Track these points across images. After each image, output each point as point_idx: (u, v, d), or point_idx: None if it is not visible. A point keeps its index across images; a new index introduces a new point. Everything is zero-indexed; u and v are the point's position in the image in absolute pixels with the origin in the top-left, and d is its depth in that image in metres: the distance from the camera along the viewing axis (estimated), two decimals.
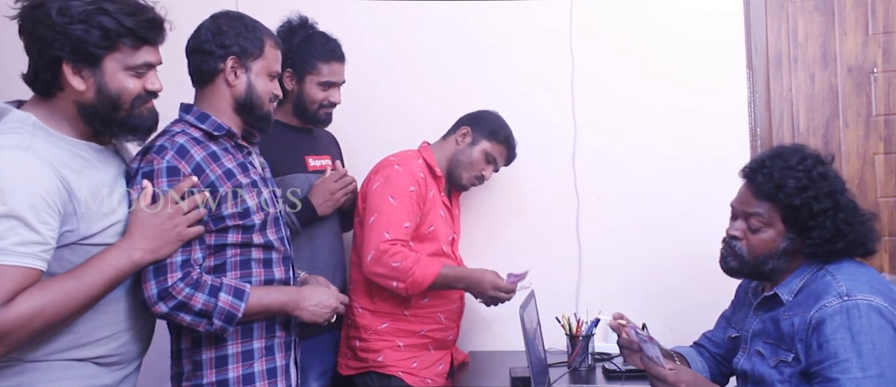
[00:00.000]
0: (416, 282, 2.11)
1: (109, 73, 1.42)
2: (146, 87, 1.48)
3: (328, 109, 2.25)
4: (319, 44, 2.22)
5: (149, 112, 1.52)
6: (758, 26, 2.65)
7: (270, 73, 1.76)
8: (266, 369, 1.72)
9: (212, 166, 1.64)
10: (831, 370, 1.45)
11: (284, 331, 1.78)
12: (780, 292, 1.61)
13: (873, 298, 1.47)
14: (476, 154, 2.33)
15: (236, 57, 1.70)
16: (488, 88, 2.68)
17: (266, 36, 1.75)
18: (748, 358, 1.66)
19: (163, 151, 1.58)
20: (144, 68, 1.47)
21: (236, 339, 1.68)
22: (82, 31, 1.37)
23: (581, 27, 2.69)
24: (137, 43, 1.44)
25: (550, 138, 2.71)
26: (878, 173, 2.59)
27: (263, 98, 1.75)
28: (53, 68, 1.40)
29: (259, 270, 1.71)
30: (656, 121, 2.66)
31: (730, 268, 1.68)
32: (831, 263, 1.57)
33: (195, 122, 1.69)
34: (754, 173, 1.62)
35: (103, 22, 1.38)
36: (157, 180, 1.55)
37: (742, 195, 1.66)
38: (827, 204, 1.54)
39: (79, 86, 1.41)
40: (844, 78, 2.61)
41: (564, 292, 2.65)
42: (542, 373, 2.01)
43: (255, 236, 1.69)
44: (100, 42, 1.39)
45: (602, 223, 2.68)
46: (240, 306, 1.61)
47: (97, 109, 1.43)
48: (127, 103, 1.46)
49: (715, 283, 1.96)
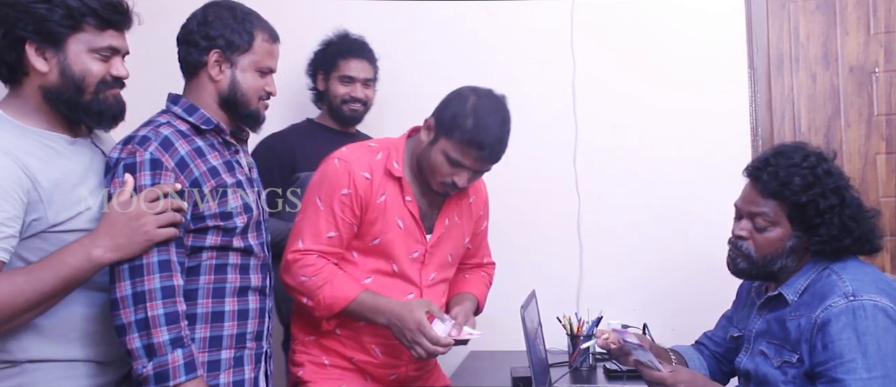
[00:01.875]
0: (325, 304, 1.78)
1: (73, 55, 1.40)
2: (111, 73, 1.45)
3: (352, 104, 2.36)
4: (341, 43, 2.38)
5: (114, 99, 1.48)
6: (759, 26, 2.65)
7: (260, 69, 1.64)
8: (232, 381, 1.60)
9: (196, 162, 1.55)
10: (836, 371, 1.44)
11: (255, 342, 1.66)
12: (785, 291, 1.59)
13: (879, 298, 1.46)
14: (435, 156, 1.80)
15: (220, 50, 1.60)
16: (489, 87, 2.67)
17: (258, 28, 1.63)
18: (751, 358, 1.65)
19: (146, 142, 1.49)
20: (109, 51, 1.44)
21: (203, 348, 1.56)
22: (45, 10, 1.36)
23: (582, 27, 2.69)
24: (102, 24, 1.42)
25: (551, 138, 2.70)
26: (880, 173, 2.59)
27: (249, 95, 1.63)
28: (17, 50, 1.38)
29: (234, 276, 1.61)
30: (657, 120, 2.65)
31: (739, 269, 1.65)
32: (836, 262, 1.56)
33: (183, 114, 1.60)
34: (759, 172, 1.60)
35: (67, 1, 1.37)
36: (139, 173, 1.46)
37: (747, 195, 1.64)
38: (833, 200, 1.53)
39: (42, 67, 1.39)
40: (846, 78, 2.61)
41: (565, 292, 2.64)
42: (543, 373, 2.01)
43: (235, 240, 1.59)
44: (63, 21, 1.37)
45: (603, 223, 2.68)
46: (168, 352, 1.44)
47: (61, 92, 1.41)
48: (91, 87, 1.43)
49: (716, 282, 1.96)
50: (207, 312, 1.57)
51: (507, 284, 2.30)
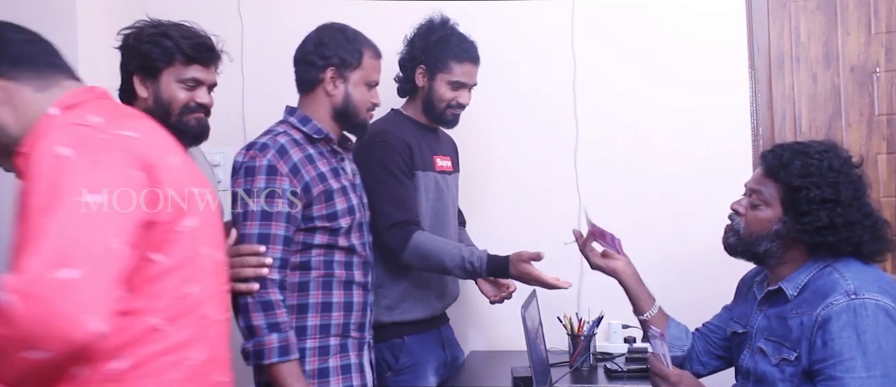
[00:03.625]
0: None
1: (164, 84, 1.71)
2: (195, 100, 1.72)
3: (456, 110, 2.24)
4: (455, 43, 2.22)
5: (196, 121, 1.73)
6: (760, 26, 2.65)
7: (368, 83, 1.88)
8: (340, 365, 1.80)
9: (307, 168, 1.76)
10: (835, 369, 1.44)
11: (359, 332, 1.86)
12: (785, 286, 1.59)
13: (881, 297, 1.46)
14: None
15: (335, 68, 1.84)
16: (489, 87, 2.67)
17: (365, 47, 1.88)
18: (752, 356, 1.65)
19: (265, 149, 1.74)
20: (193, 83, 1.72)
21: (314, 335, 1.77)
22: (148, 49, 1.69)
23: (583, 26, 2.69)
24: (188, 61, 1.71)
25: (552, 137, 2.70)
26: (881, 173, 2.58)
27: (359, 107, 1.87)
28: (128, 80, 1.73)
29: (340, 271, 1.81)
30: (658, 120, 2.65)
31: (728, 244, 1.69)
32: (838, 260, 1.55)
33: (298, 124, 1.82)
34: (770, 153, 1.63)
35: (164, 42, 1.69)
36: (257, 177, 1.71)
37: (755, 174, 1.68)
38: (827, 193, 1.53)
39: (143, 94, 1.72)
40: (847, 78, 2.61)
41: (566, 292, 2.62)
42: (543, 373, 2.01)
43: (340, 239, 1.80)
44: (160, 57, 1.69)
45: (604, 222, 2.66)
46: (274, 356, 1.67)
47: (154, 114, 1.59)
48: (176, 111, 1.70)
49: (716, 282, 1.96)
50: (318, 302, 1.79)
51: None
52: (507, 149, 2.74)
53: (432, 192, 2.21)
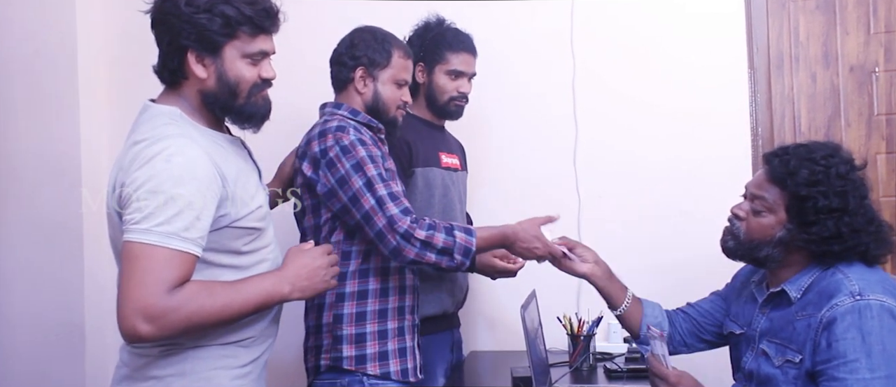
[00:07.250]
0: None
1: (228, 61, 1.47)
2: (261, 75, 1.52)
3: (459, 101, 2.26)
4: (450, 36, 2.26)
5: (263, 100, 1.55)
6: (759, 26, 2.65)
7: (397, 81, 1.94)
8: (397, 348, 1.87)
9: (377, 145, 1.85)
10: (839, 370, 1.43)
11: (411, 316, 1.95)
12: (788, 288, 1.58)
13: (886, 298, 1.45)
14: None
15: (365, 67, 1.91)
16: (489, 88, 2.67)
17: (395, 47, 1.94)
18: (755, 358, 1.64)
19: (343, 130, 1.79)
20: (260, 56, 1.51)
21: (373, 320, 1.85)
22: (206, 20, 1.43)
23: (582, 27, 2.69)
24: (255, 31, 1.48)
25: (552, 138, 2.70)
26: (881, 173, 2.59)
27: (389, 104, 1.94)
28: (180, 57, 1.46)
29: None
30: (658, 120, 2.65)
31: (727, 248, 1.66)
32: (842, 262, 1.54)
33: (349, 115, 1.90)
34: (773, 157, 1.59)
35: (225, 10, 1.44)
36: (356, 148, 1.76)
37: (756, 177, 1.64)
38: (835, 203, 1.51)
39: (201, 74, 1.47)
40: (846, 77, 2.61)
41: (566, 292, 2.64)
42: (543, 373, 2.01)
43: None
44: (221, 30, 1.44)
45: (603, 222, 2.67)
46: (472, 241, 1.76)
47: (217, 96, 1.49)
48: (245, 91, 1.50)
49: (716, 282, 1.95)
50: (377, 288, 1.86)
51: (507, 284, 2.30)
52: (506, 149, 2.74)
53: (438, 187, 2.21)
